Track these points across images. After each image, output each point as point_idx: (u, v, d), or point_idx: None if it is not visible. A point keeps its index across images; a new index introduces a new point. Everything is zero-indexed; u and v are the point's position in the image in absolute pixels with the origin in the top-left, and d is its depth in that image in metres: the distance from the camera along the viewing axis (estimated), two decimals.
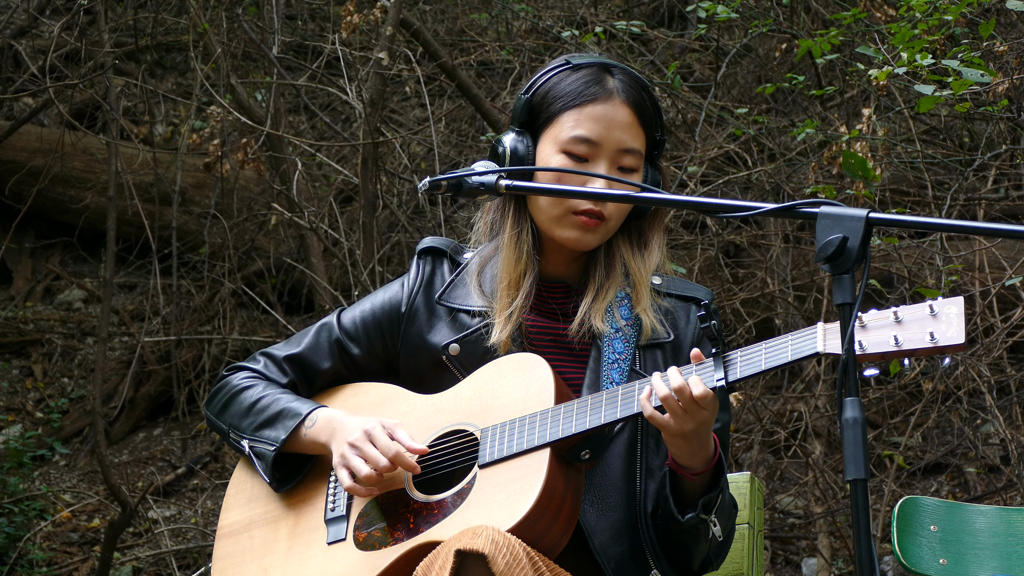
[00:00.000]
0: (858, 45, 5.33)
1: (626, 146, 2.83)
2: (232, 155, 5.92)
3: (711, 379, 2.55)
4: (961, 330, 2.29)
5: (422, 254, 2.98)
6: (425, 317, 2.90)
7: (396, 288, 2.96)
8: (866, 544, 2.10)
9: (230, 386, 2.97)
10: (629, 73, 2.88)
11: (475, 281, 2.89)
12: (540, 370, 2.72)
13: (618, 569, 2.73)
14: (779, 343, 2.50)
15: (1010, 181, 6.17)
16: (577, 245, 2.83)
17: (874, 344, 2.34)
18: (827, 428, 5.72)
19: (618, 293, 2.84)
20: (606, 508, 2.75)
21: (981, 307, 5.41)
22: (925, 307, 2.33)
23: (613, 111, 2.84)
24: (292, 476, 2.91)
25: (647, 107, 2.86)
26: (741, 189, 6.26)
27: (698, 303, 2.87)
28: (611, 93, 2.85)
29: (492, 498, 2.63)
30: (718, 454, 2.69)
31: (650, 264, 2.87)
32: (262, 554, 2.88)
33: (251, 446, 2.89)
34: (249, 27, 6.36)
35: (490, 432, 2.71)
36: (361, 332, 2.94)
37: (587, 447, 2.66)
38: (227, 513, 3.01)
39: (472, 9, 7.71)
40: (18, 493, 6.22)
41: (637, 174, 2.85)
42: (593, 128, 2.82)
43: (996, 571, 3.06)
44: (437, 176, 2.66)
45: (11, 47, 7.17)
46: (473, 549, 2.43)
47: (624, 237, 2.88)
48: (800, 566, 5.49)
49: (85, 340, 7.26)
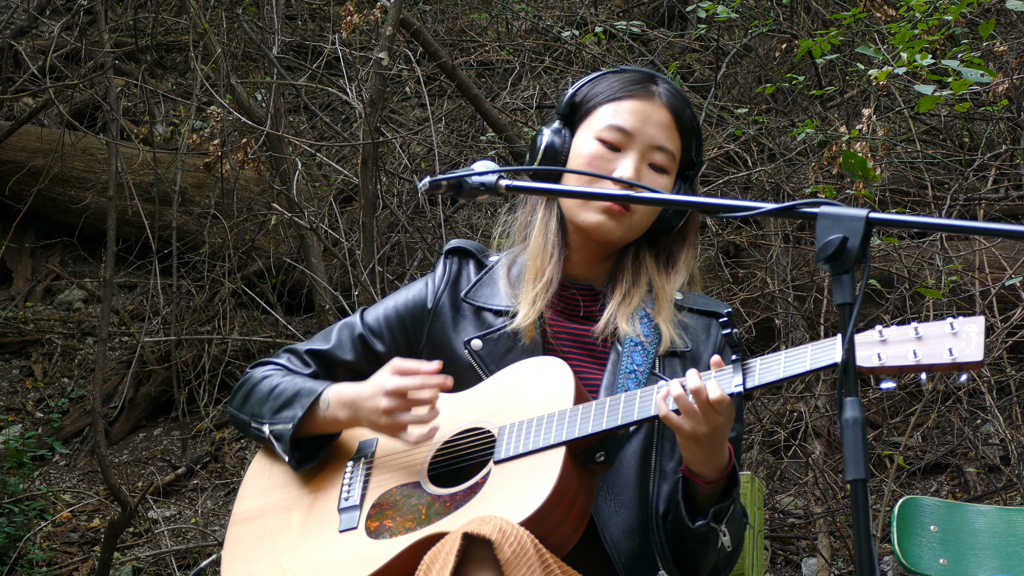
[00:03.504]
0: (858, 45, 5.34)
1: (659, 143, 2.86)
2: (232, 155, 5.91)
3: (729, 384, 2.56)
4: (980, 348, 2.32)
5: (449, 254, 3.01)
6: (450, 315, 2.93)
7: (420, 286, 2.99)
8: (866, 544, 2.10)
9: (251, 380, 3.01)
10: (675, 86, 2.93)
11: (503, 280, 2.93)
12: (561, 373, 2.74)
13: (628, 565, 2.75)
14: (799, 352, 2.52)
15: (1010, 181, 6.17)
16: (599, 231, 2.84)
17: (893, 358, 2.37)
18: (827, 428, 5.72)
19: (640, 311, 2.86)
20: (619, 505, 2.78)
21: (981, 307, 5.41)
22: (946, 324, 2.35)
23: (652, 109, 2.88)
24: (312, 457, 2.92)
25: (686, 118, 2.91)
26: (741, 189, 6.26)
27: (717, 316, 2.90)
28: (652, 94, 2.90)
29: (504, 493, 2.65)
30: (732, 464, 2.70)
31: (674, 282, 2.91)
32: (273, 540, 2.89)
33: (271, 429, 2.90)
34: (249, 27, 6.36)
35: (507, 430, 2.73)
36: (385, 329, 2.97)
37: (602, 449, 2.67)
38: (242, 500, 3.01)
39: (472, 9, 7.71)
40: (18, 493, 6.22)
41: (667, 176, 2.87)
42: (629, 119, 2.87)
43: (996, 571, 3.06)
44: (437, 176, 2.66)
45: (11, 47, 7.18)
46: (481, 534, 2.44)
47: (651, 252, 2.91)
48: (800, 566, 5.49)
49: (85, 340, 7.26)
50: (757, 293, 5.87)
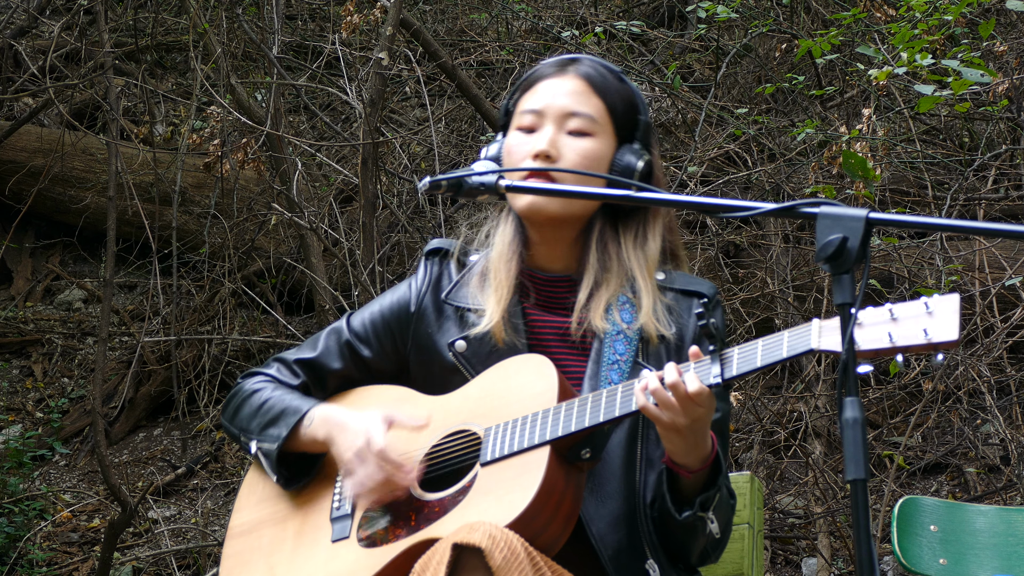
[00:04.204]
0: (858, 45, 5.34)
1: (571, 109, 2.83)
2: (232, 155, 5.91)
3: (707, 376, 2.54)
4: (955, 326, 2.28)
5: (430, 255, 2.99)
6: (434, 317, 2.91)
7: (404, 289, 2.97)
8: (866, 544, 2.10)
9: (242, 392, 2.99)
10: (600, 63, 2.89)
11: (478, 280, 2.90)
12: (545, 370, 2.72)
13: (615, 557, 2.73)
14: (775, 340, 2.49)
15: (1010, 181, 6.17)
16: (532, 210, 2.81)
17: (868, 341, 2.33)
18: (827, 428, 5.72)
19: (620, 297, 2.83)
20: (604, 497, 2.76)
21: (981, 307, 5.41)
22: (921, 304, 2.32)
23: (562, 82, 2.87)
24: (301, 475, 2.92)
25: (605, 81, 2.86)
26: (741, 189, 6.26)
27: (700, 297, 2.86)
28: (565, 72, 2.88)
29: (491, 495, 2.64)
30: (715, 453, 2.69)
31: (645, 257, 2.86)
32: (269, 552, 2.89)
33: (258, 445, 2.90)
34: (249, 27, 6.36)
35: (492, 431, 2.72)
36: (371, 334, 2.95)
37: (587, 446, 2.66)
38: (238, 514, 3.01)
39: (472, 9, 7.71)
40: (18, 493, 6.22)
41: (592, 139, 2.83)
42: (539, 99, 2.85)
43: (996, 571, 3.06)
44: (437, 176, 2.66)
45: (11, 47, 7.18)
46: (470, 543, 2.43)
47: (617, 230, 2.87)
48: (800, 566, 5.49)
49: (85, 340, 7.26)
50: (757, 293, 5.87)
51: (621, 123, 2.87)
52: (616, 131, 2.86)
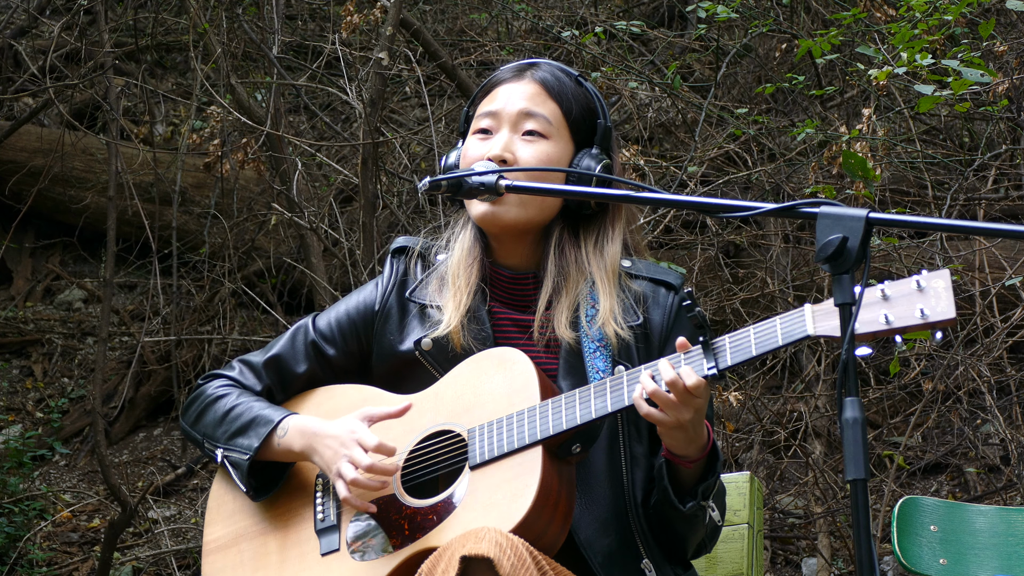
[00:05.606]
0: (858, 45, 5.34)
1: (526, 110, 2.83)
2: (232, 155, 5.91)
3: (701, 368, 2.53)
4: (951, 304, 2.27)
5: (395, 253, 2.98)
6: (398, 315, 2.89)
7: (370, 289, 2.96)
8: (866, 544, 2.10)
9: (205, 395, 2.96)
10: (558, 67, 2.90)
11: (437, 284, 2.88)
12: (521, 365, 2.69)
13: (605, 563, 2.70)
14: (767, 327, 2.48)
15: (1010, 181, 6.18)
16: (487, 219, 2.80)
17: (864, 323, 2.32)
18: (827, 428, 5.72)
19: (588, 310, 2.79)
20: (591, 501, 2.73)
21: (981, 307, 5.41)
22: (912, 282, 2.31)
23: (517, 86, 2.87)
24: (270, 486, 2.88)
25: (562, 85, 2.86)
26: (741, 189, 6.26)
27: (668, 286, 2.86)
28: (523, 76, 2.89)
29: (488, 500, 2.60)
30: (712, 440, 2.68)
31: (609, 257, 2.83)
32: (253, 569, 2.83)
33: (225, 455, 2.87)
34: (249, 27, 6.36)
35: (477, 431, 2.67)
36: (336, 334, 2.93)
37: (578, 441, 2.63)
38: (211, 528, 2.95)
39: (472, 9, 7.71)
40: (18, 493, 6.22)
41: (546, 141, 2.82)
42: (495, 103, 2.87)
43: (996, 571, 3.06)
44: (437, 176, 2.65)
45: (11, 47, 7.18)
46: (479, 554, 2.40)
47: (575, 233, 2.85)
48: (800, 566, 5.49)
49: (85, 340, 7.26)
50: (757, 293, 5.87)
51: (578, 127, 2.87)
52: (572, 135, 2.86)
